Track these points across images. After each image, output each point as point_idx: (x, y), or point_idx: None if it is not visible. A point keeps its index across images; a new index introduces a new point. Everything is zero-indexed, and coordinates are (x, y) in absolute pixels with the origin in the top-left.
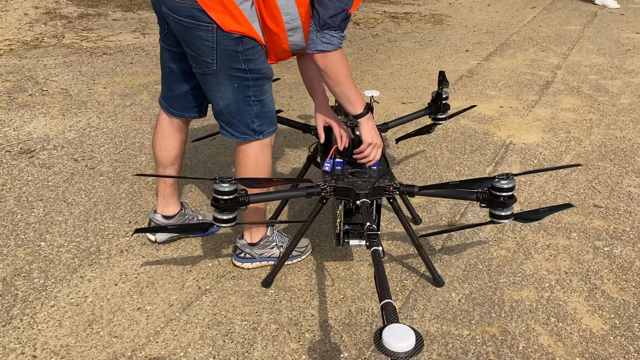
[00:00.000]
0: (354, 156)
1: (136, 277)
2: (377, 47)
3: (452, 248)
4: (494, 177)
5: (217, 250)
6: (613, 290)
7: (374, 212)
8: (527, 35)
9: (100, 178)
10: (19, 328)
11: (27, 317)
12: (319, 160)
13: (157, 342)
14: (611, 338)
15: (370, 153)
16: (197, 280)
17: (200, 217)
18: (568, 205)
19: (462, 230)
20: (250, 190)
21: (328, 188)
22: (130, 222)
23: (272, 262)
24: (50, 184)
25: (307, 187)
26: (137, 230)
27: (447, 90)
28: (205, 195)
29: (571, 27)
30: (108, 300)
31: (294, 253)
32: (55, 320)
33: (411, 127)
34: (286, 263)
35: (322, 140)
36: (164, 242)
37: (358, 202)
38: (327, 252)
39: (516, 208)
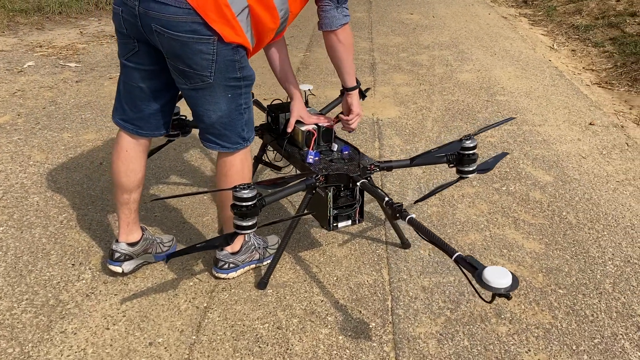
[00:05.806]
0: (347, 123)
1: (124, 316)
2: None
3: None
4: (461, 139)
5: (189, 270)
6: (528, 218)
7: (358, 194)
8: None
9: (1, 229)
10: None
11: None
12: (265, 159)
13: None
14: (550, 252)
15: (355, 122)
16: (189, 302)
17: (158, 240)
18: (504, 154)
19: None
20: None
21: (321, 177)
22: (73, 264)
23: (253, 266)
24: None
25: (303, 180)
26: (170, 256)
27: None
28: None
29: (359, 14)
30: (111, 345)
31: (267, 253)
32: None
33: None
34: (263, 263)
35: (290, 129)
36: (129, 273)
37: (357, 183)
38: (294, 244)
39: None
